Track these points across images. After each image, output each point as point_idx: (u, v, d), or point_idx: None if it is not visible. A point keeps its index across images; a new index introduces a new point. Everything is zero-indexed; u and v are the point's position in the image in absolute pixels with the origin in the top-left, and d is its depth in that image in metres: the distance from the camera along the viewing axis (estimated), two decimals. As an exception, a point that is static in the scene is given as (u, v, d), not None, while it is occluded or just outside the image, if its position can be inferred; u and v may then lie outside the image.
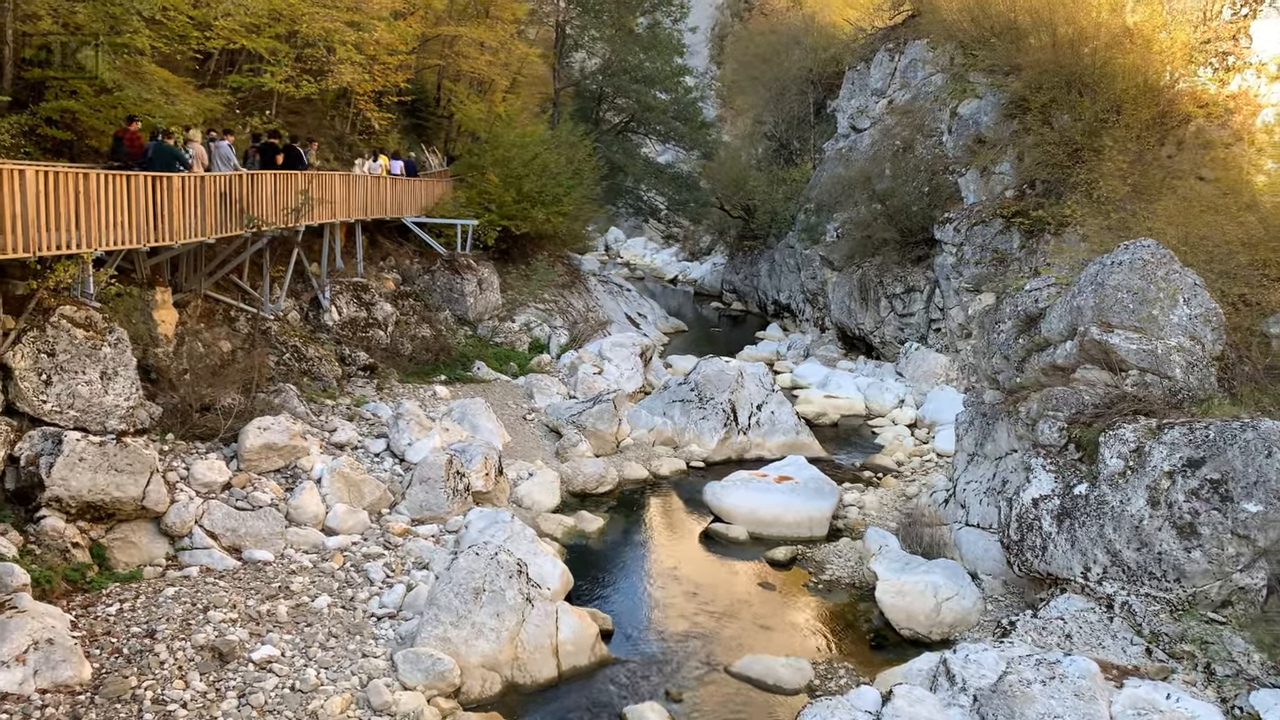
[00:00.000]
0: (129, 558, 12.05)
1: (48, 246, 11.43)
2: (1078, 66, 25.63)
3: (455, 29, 26.90)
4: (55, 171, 11.57)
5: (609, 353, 24.94)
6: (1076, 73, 25.45)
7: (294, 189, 17.42)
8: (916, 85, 37.22)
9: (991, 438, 14.70)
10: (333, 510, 13.77)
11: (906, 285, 30.77)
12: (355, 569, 12.76)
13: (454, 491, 14.86)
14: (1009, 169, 28.21)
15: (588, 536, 15.58)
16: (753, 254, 45.29)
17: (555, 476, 16.78)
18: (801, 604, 13.66)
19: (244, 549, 12.68)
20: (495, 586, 11.31)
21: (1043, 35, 28.21)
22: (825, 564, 14.81)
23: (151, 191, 13.47)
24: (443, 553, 13.45)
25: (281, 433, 14.21)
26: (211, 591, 11.38)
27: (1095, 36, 26.70)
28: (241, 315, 18.27)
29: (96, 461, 11.55)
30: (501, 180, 28.18)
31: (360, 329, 21.38)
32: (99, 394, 12.35)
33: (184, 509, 12.48)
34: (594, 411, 19.42)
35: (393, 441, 16.25)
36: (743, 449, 19.83)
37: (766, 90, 48.87)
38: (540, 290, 29.60)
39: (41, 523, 11.37)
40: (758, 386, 20.53)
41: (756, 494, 16.11)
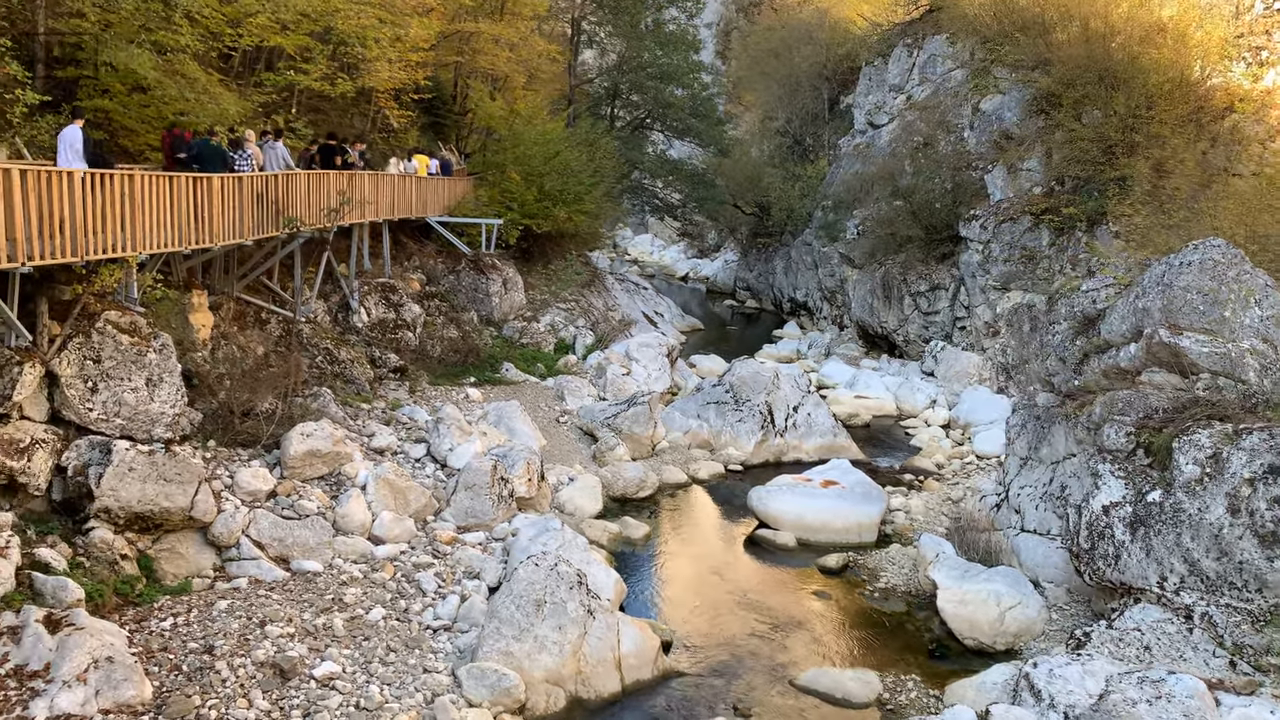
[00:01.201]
0: (176, 569, 11.76)
1: (94, 250, 11.12)
2: (1109, 61, 25.34)
3: (476, 25, 26.53)
4: (101, 173, 11.26)
5: (636, 353, 24.64)
6: (1109, 68, 25.16)
7: (330, 189, 17.10)
8: (936, 81, 36.90)
9: (1047, 441, 14.42)
10: (379, 518, 13.47)
11: (931, 283, 30.48)
12: (406, 579, 12.46)
13: (499, 498, 14.57)
14: (1037, 165, 27.91)
15: (634, 543, 15.29)
16: (767, 251, 44.97)
17: (596, 481, 16.48)
18: (858, 613, 13.38)
19: (292, 559, 12.39)
20: (556, 598, 11.03)
21: (1071, 29, 27.94)
22: (878, 571, 14.53)
23: (193, 193, 13.15)
24: (493, 561, 13.16)
25: (325, 439, 13.91)
26: (265, 605, 11.09)
27: (1125, 30, 26.43)
28: (273, 318, 17.95)
29: (146, 471, 11.25)
30: (523, 178, 27.87)
31: (389, 330, 21.07)
32: (145, 401, 12.05)
33: (231, 519, 12.18)
34: (629, 414, 19.13)
35: (433, 446, 15.94)
36: (780, 451, 19.55)
37: (778, 86, 48.54)
38: (562, 290, 29.32)
39: (90, 534, 11.08)
40: (793, 388, 20.25)
41: (803, 499, 15.83)
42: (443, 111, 32.22)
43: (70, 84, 15.19)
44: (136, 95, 15.17)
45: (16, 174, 9.84)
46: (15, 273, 10.49)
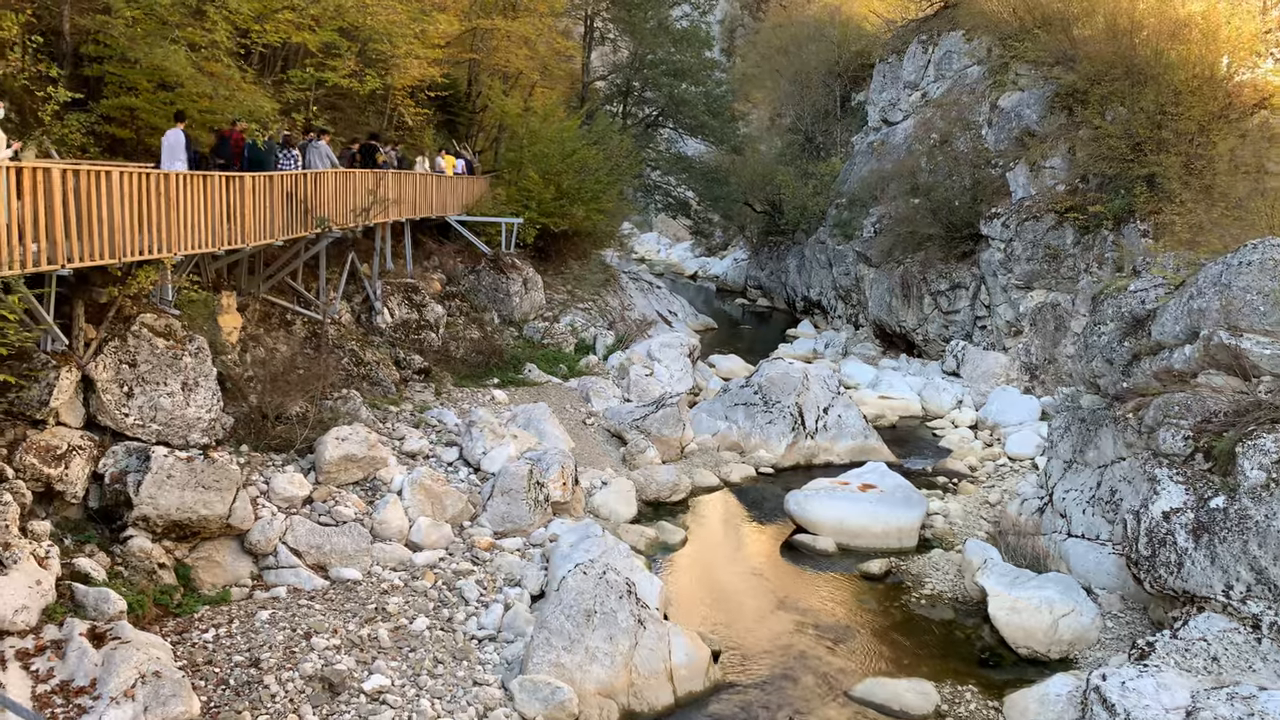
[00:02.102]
0: (214, 578, 11.49)
1: (132, 252, 10.84)
2: (1134, 57, 25.06)
3: (493, 21, 26.21)
4: (138, 172, 10.97)
5: (658, 353, 24.38)
6: (1135, 64, 24.87)
7: (359, 188, 16.81)
8: (952, 77, 36.65)
9: (1094, 444, 14.15)
10: (416, 524, 13.20)
11: (952, 281, 30.20)
12: (448, 587, 12.19)
13: (535, 503, 14.29)
14: (1061, 163, 27.63)
15: (672, 549, 15.03)
16: (779, 249, 44.68)
17: (630, 485, 16.21)
18: (905, 620, 13.12)
19: (330, 567, 12.11)
20: (606, 608, 10.76)
21: (1095, 24, 27.65)
22: (923, 578, 14.27)
23: (225, 192, 12.87)
24: (533, 568, 12.89)
25: (360, 443, 13.63)
26: (308, 615, 10.82)
27: (1151, 26, 26.16)
28: (298, 319, 17.67)
29: (184, 478, 10.97)
30: (540, 177, 27.57)
31: (412, 331, 20.79)
32: (181, 406, 11.77)
33: (268, 526, 11.91)
34: (658, 416, 18.85)
35: (466, 450, 15.66)
36: (811, 454, 19.28)
37: (787, 83, 48.22)
38: (578, 289, 29.06)
39: (128, 543, 10.80)
40: (823, 389, 19.98)
41: (842, 504, 15.56)
42: (456, 109, 31.93)
43: (96, 81, 14.88)
44: (162, 93, 14.85)
45: (56, 173, 9.56)
46: (52, 276, 10.22)
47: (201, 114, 15.68)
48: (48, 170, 9.45)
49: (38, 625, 9.21)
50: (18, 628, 9.02)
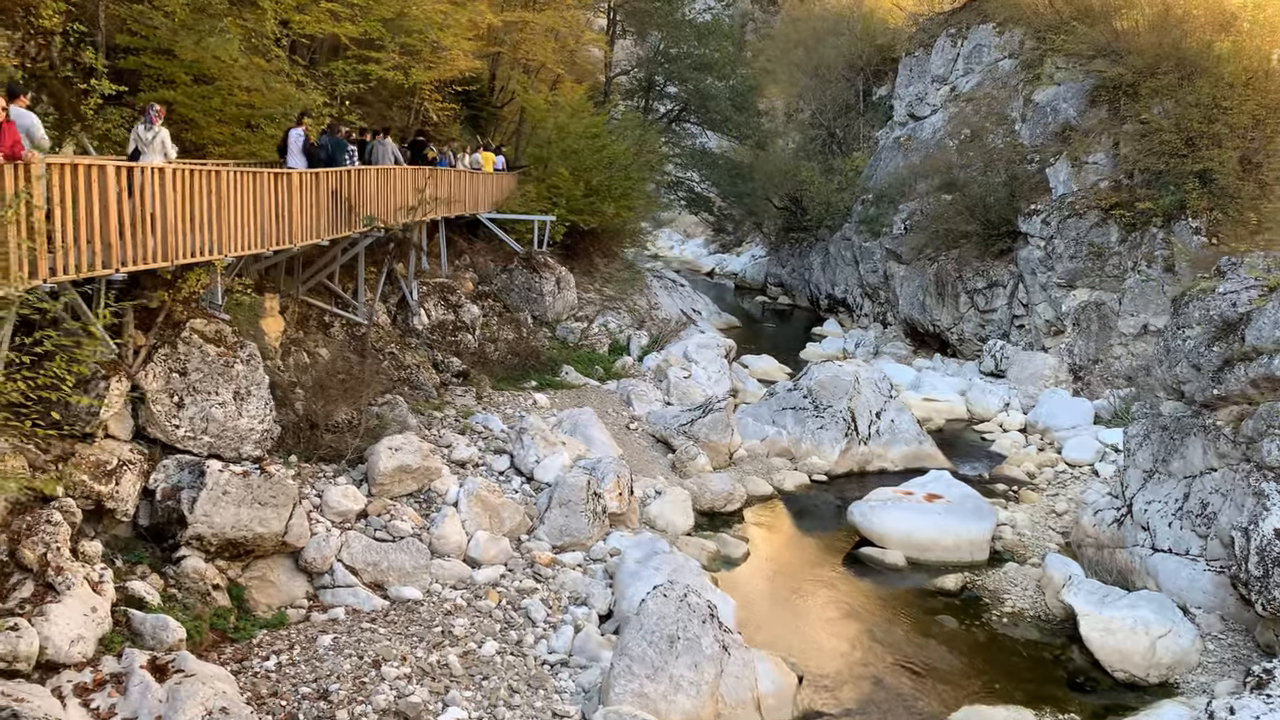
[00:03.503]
0: (268, 599, 10.86)
1: (184, 253, 10.19)
2: (1185, 49, 24.37)
3: (524, 14, 25.52)
4: (190, 170, 10.33)
5: (695, 354, 23.75)
6: (1185, 56, 24.19)
7: (405, 186, 16.16)
8: (982, 71, 35.93)
9: (1180, 454, 13.50)
10: (474, 538, 12.56)
11: (989, 280, 29.51)
12: (513, 607, 11.56)
13: (593, 514, 13.65)
14: (1104, 159, 26.94)
15: (734, 563, 14.39)
16: (801, 246, 43.98)
17: (685, 495, 15.57)
18: (988, 641, 12.48)
19: (388, 585, 11.48)
20: (689, 633, 10.12)
21: (1137, 15, 26.96)
22: (1000, 594, 13.63)
23: (274, 190, 12.22)
24: (598, 586, 12.27)
25: (414, 453, 12.99)
26: (372, 640, 10.18)
27: (1199, 16, 25.49)
28: (336, 321, 17.03)
29: (240, 494, 10.34)
30: (570, 173, 26.90)
31: (449, 333, 20.14)
32: (233, 417, 11.13)
33: (323, 542, 11.27)
34: (706, 421, 18.20)
35: (518, 459, 15.03)
36: (864, 460, 18.64)
37: (806, 78, 47.43)
38: (606, 287, 28.44)
39: (182, 563, 10.17)
40: (875, 392, 19.33)
41: (911, 515, 14.92)
42: (480, 105, 31.26)
43: (133, 75, 14.23)
44: (200, 86, 14.21)
45: (111, 171, 8.91)
46: (103, 280, 9.58)
47: (239, 108, 15.06)
48: (101, 168, 8.80)
49: (95, 657, 8.59)
50: (74, 660, 8.40)
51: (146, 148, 9.99)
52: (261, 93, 14.82)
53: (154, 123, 10.24)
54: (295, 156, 12.61)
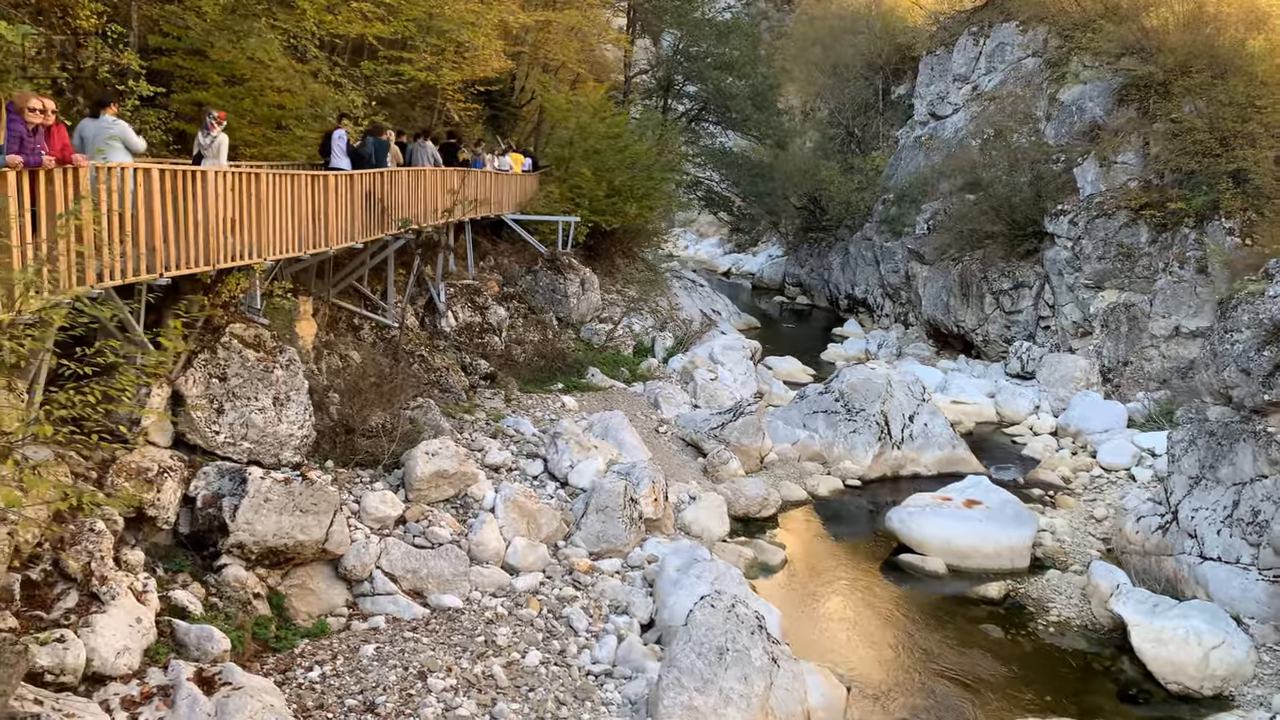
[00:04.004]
0: (308, 607, 10.71)
1: (225, 257, 10.05)
2: (1217, 48, 24.07)
3: (546, 13, 25.34)
4: (229, 172, 10.18)
5: (721, 356, 23.56)
6: (1217, 54, 23.88)
7: (438, 188, 16.00)
8: (1005, 70, 35.63)
9: (1229, 460, 13.24)
10: (512, 545, 12.39)
11: (1014, 280, 29.22)
12: (554, 615, 11.39)
13: (630, 520, 13.47)
14: (1134, 158, 26.62)
15: (772, 570, 14.20)
16: (820, 246, 43.71)
17: (720, 500, 15.37)
18: (1036, 651, 12.26)
19: (428, 593, 11.32)
20: (738, 645, 9.92)
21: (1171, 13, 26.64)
22: (1045, 602, 13.40)
23: (312, 192, 12.08)
24: (639, 594, 12.09)
25: (450, 458, 12.83)
26: (416, 649, 10.02)
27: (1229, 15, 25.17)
28: (365, 323, 16.90)
29: (282, 501, 10.19)
30: (593, 173, 26.70)
31: (475, 335, 19.99)
32: (272, 423, 10.99)
33: (363, 550, 11.12)
34: (737, 425, 17.99)
35: (552, 463, 14.86)
36: (897, 465, 18.41)
37: (824, 76, 47.09)
38: (626, 288, 28.24)
39: (223, 572, 10.03)
40: (907, 395, 19.09)
41: (950, 521, 14.69)
42: (501, 105, 31.11)
43: (165, 75, 14.09)
44: (234, 87, 14.06)
45: (156, 174, 8.77)
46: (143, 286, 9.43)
47: (270, 109, 14.91)
48: (147, 170, 8.66)
49: (141, 669, 8.44)
50: (120, 672, 8.26)
51: (207, 152, 9.89)
52: (292, 94, 14.69)
53: (212, 129, 10.19)
54: (340, 158, 12.51)
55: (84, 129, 8.60)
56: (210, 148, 9.96)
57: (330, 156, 12.81)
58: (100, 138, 8.39)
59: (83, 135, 8.50)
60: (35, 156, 7.00)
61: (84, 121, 8.70)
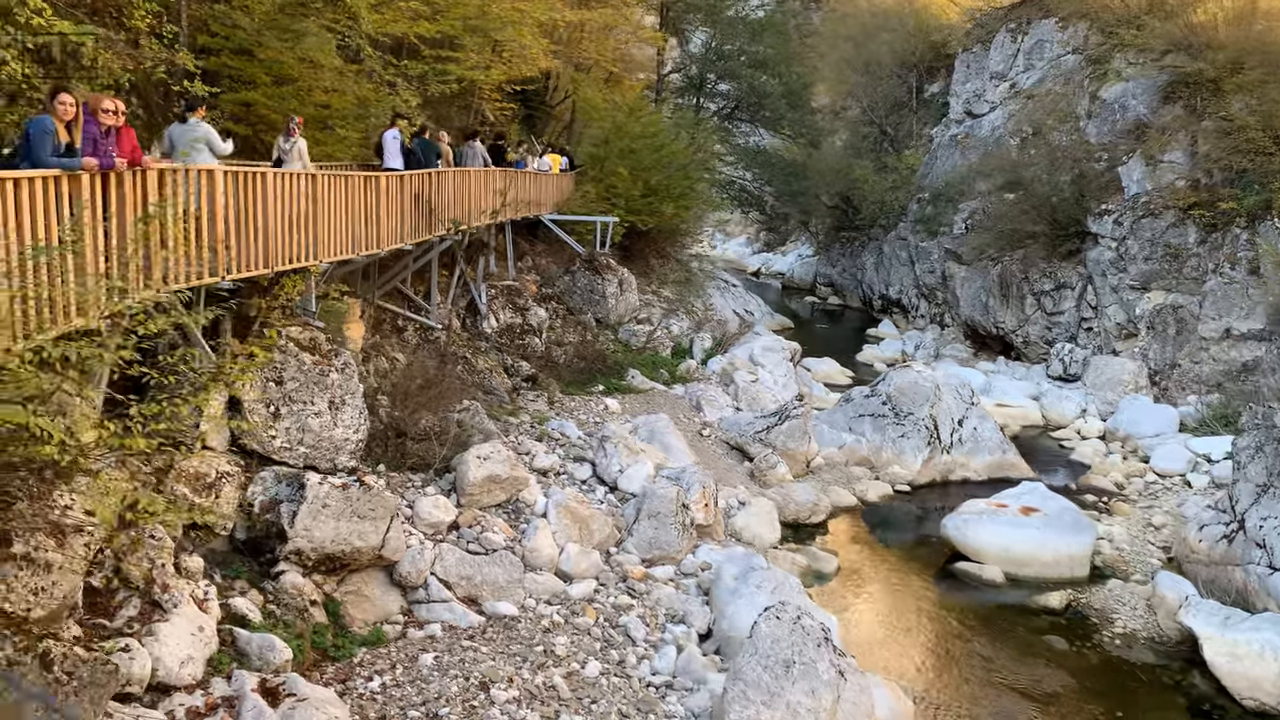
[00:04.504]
0: (363, 614, 10.56)
1: (284, 259, 9.92)
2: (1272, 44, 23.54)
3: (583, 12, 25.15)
4: (288, 173, 10.05)
5: (761, 358, 23.28)
6: (1272, 50, 23.36)
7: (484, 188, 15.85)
8: (1044, 68, 35.10)
9: (1300, 469, 12.85)
10: (565, 551, 12.20)
11: (1056, 281, 28.75)
12: (610, 624, 11.19)
13: (682, 527, 13.26)
14: (1181, 157, 26.10)
15: (826, 578, 13.93)
16: (853, 245, 43.29)
17: (771, 506, 15.12)
18: (1102, 664, 11.93)
19: (482, 600, 11.15)
20: (805, 658, 9.68)
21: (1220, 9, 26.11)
22: (1108, 613, 13.06)
23: (364, 193, 11.94)
24: (695, 603, 11.87)
25: (502, 462, 12.66)
26: (475, 659, 9.85)
27: None
28: (409, 325, 16.78)
29: (340, 507, 10.05)
30: (629, 173, 26.49)
31: (516, 336, 19.84)
32: (328, 427, 10.85)
33: (418, 556, 10.96)
34: (784, 429, 17.72)
35: (600, 467, 14.66)
36: (947, 470, 18.07)
37: (855, 74, 46.62)
38: (661, 288, 28.02)
39: (281, 579, 9.90)
40: (956, 399, 18.75)
41: (1008, 529, 14.36)
42: (535, 104, 30.96)
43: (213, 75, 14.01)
44: (280, 87, 13.95)
45: (220, 175, 8.64)
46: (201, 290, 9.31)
47: (316, 109, 14.80)
48: (210, 172, 8.53)
49: (204, 679, 8.31)
50: (184, 682, 8.13)
51: (287, 157, 9.82)
52: (339, 93, 14.58)
53: (293, 134, 10.14)
54: (394, 158, 12.39)
55: (172, 132, 8.61)
56: (290, 152, 9.89)
57: (384, 156, 12.66)
58: (186, 140, 8.32)
59: (171, 138, 8.46)
60: (108, 159, 6.88)
61: (173, 125, 8.72)
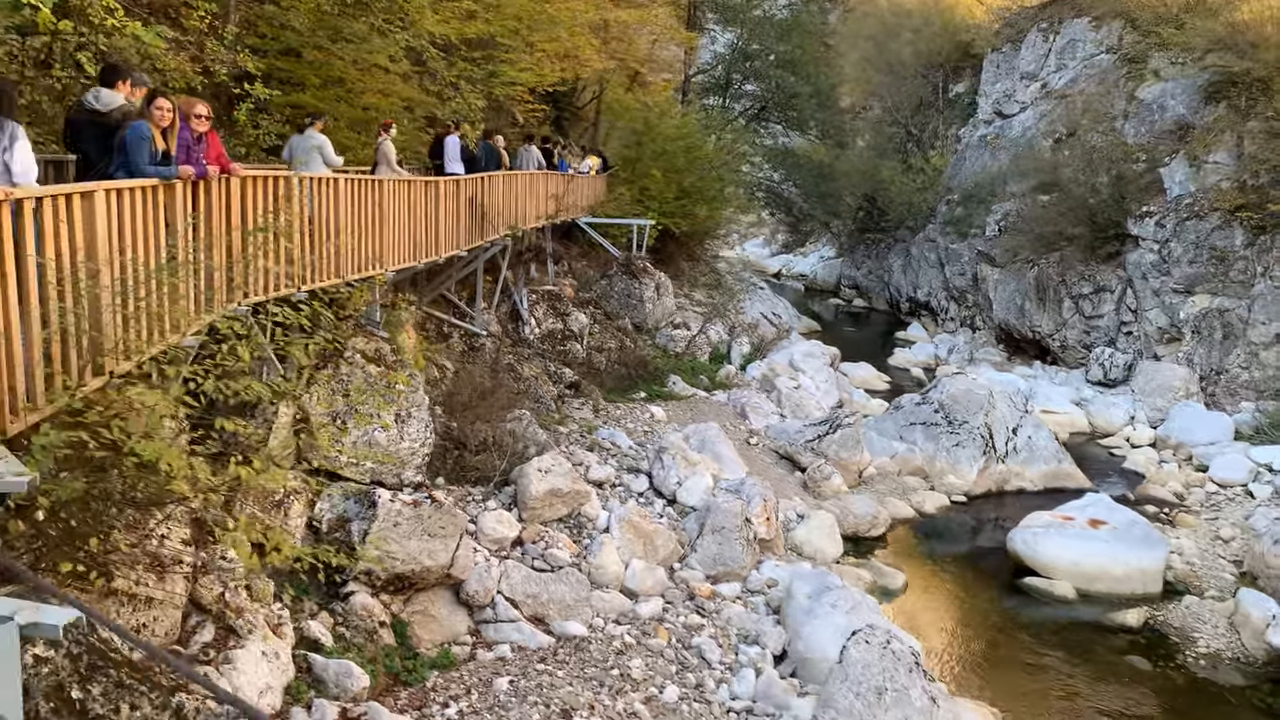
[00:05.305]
0: (431, 635, 10.19)
1: (354, 269, 9.57)
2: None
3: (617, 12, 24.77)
4: (358, 179, 9.70)
5: (801, 363, 22.90)
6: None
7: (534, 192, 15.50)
8: (1077, 68, 34.63)
9: (1388, 483, 12.41)
10: (630, 568, 11.83)
11: (1095, 285, 28.28)
12: (683, 645, 10.80)
13: (746, 542, 12.87)
14: (1226, 158, 25.62)
15: (894, 594, 13.52)
16: (879, 247, 42.87)
17: (831, 519, 14.72)
18: (1190, 687, 11.50)
19: (549, 619, 10.78)
20: (897, 684, 9.29)
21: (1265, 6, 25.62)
22: (1188, 631, 12.63)
23: (424, 199, 11.59)
24: (767, 623, 11.47)
25: (564, 476, 12.30)
26: (553, 684, 9.48)
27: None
28: (455, 331, 16.43)
29: (411, 525, 9.70)
30: (662, 175, 26.12)
31: (558, 342, 19.48)
32: (395, 440, 10.51)
33: (485, 574, 10.59)
34: (836, 438, 17.32)
35: (657, 479, 14.28)
36: (1002, 480, 17.65)
37: (879, 74, 46.15)
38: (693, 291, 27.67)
39: (350, 600, 9.54)
40: (1009, 407, 18.33)
41: (1077, 543, 13.95)
42: (564, 105, 30.60)
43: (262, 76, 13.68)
44: (332, 89, 13.63)
45: (296, 183, 8.28)
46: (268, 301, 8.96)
47: (363, 112, 14.48)
48: (287, 179, 8.18)
49: (283, 709, 7.95)
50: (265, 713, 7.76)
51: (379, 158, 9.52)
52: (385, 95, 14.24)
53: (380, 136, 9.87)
54: (455, 163, 12.04)
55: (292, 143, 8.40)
56: (378, 153, 9.54)
57: (444, 161, 12.32)
58: (304, 150, 8.09)
59: (291, 148, 8.22)
60: (201, 167, 6.53)
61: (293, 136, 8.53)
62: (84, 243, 4.96)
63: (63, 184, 5.50)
